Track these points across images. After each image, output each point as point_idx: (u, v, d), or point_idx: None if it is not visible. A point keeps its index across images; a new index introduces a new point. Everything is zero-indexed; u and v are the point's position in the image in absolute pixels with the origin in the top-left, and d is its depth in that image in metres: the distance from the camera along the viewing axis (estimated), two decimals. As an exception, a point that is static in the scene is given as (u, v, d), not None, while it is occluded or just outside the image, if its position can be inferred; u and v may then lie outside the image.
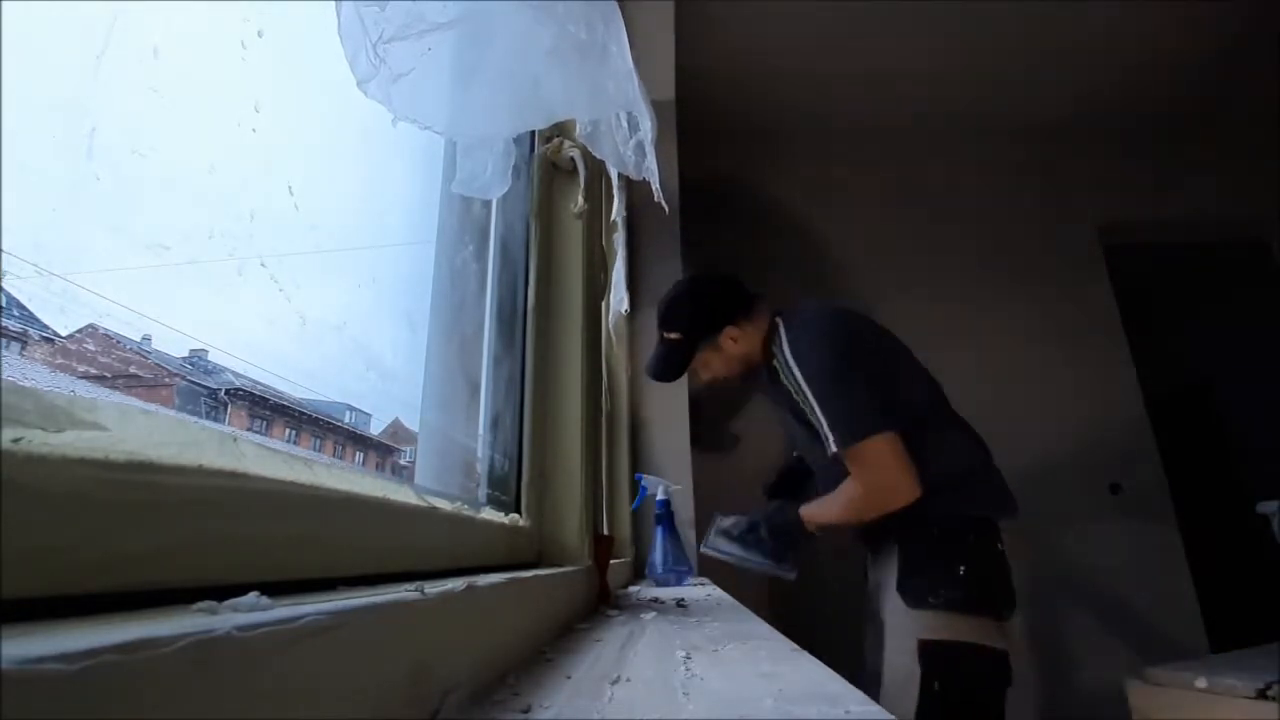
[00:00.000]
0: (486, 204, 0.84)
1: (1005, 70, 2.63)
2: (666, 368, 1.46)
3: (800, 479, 1.62)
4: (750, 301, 1.42)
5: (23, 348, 0.36)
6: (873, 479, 1.21)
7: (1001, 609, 1.22)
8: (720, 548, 1.43)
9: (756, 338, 1.40)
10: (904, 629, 1.22)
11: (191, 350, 0.51)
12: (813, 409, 1.23)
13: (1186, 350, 4.22)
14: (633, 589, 1.33)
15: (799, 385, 1.26)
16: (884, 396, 1.23)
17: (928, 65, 2.59)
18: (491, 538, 0.61)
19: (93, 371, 0.42)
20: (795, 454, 1.59)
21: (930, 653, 1.18)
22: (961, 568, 1.20)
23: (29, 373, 0.36)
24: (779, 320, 1.36)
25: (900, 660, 1.20)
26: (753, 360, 1.42)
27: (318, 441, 0.70)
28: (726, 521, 1.44)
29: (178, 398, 0.49)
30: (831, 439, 1.20)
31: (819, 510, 1.33)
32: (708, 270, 1.56)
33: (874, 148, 2.97)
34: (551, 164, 0.92)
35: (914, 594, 1.22)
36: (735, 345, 1.40)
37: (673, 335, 1.42)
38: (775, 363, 1.33)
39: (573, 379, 0.86)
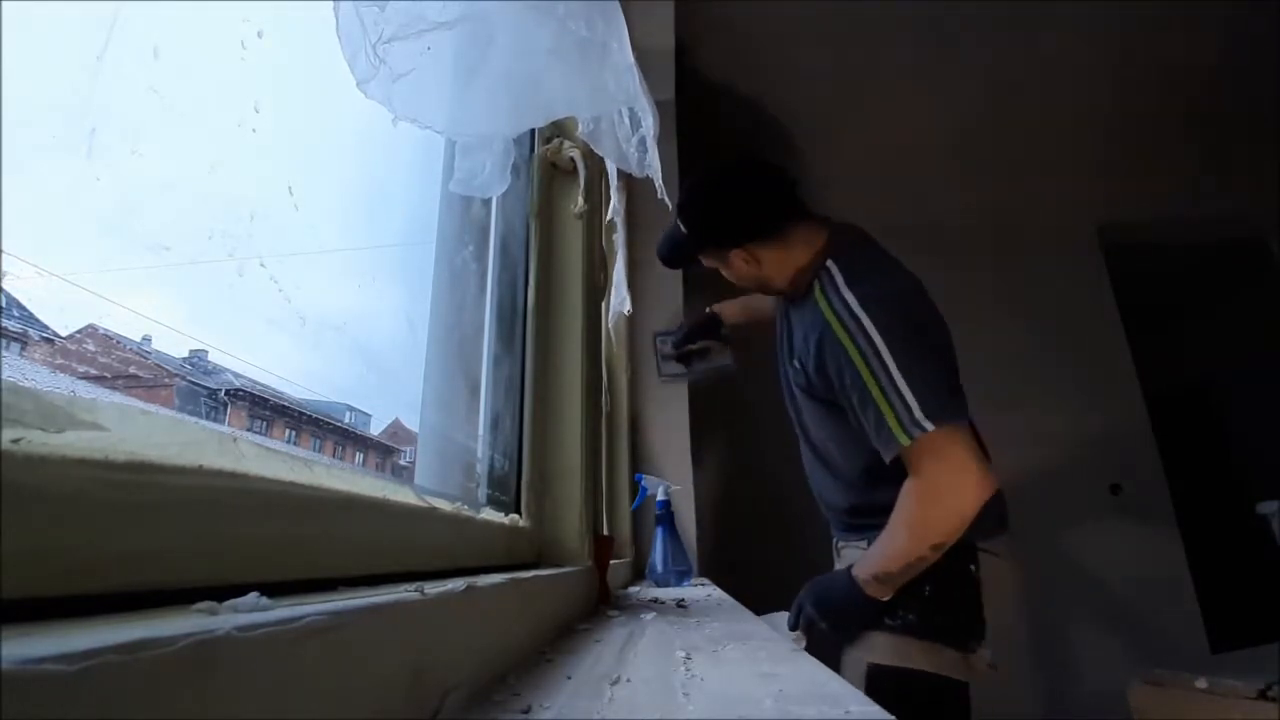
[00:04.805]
0: (486, 204, 0.84)
1: (1004, 70, 2.63)
2: (669, 252, 1.31)
3: (710, 331, 1.67)
4: (784, 222, 1.18)
5: (23, 348, 0.36)
6: (949, 478, 0.97)
7: (967, 639, 1.05)
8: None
9: (785, 263, 1.19)
10: (854, 650, 1.09)
11: (191, 350, 0.51)
12: (884, 377, 0.98)
13: (1186, 350, 4.22)
14: (633, 589, 1.33)
15: (869, 344, 1.01)
16: (954, 381, 1.05)
17: (926, 65, 2.59)
18: (491, 538, 0.61)
19: (93, 371, 0.42)
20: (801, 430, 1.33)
21: (879, 681, 1.03)
22: (927, 588, 1.03)
23: (29, 373, 0.36)
24: (831, 265, 1.12)
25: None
26: (774, 285, 1.23)
27: (318, 442, 0.70)
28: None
29: (178, 398, 0.49)
30: (912, 414, 0.95)
31: (877, 559, 1.03)
32: (752, 161, 1.27)
33: (872, 150, 2.97)
34: (551, 164, 0.92)
35: None
36: (747, 266, 1.22)
37: (681, 225, 1.25)
38: (824, 308, 1.09)
39: (573, 379, 0.86)
